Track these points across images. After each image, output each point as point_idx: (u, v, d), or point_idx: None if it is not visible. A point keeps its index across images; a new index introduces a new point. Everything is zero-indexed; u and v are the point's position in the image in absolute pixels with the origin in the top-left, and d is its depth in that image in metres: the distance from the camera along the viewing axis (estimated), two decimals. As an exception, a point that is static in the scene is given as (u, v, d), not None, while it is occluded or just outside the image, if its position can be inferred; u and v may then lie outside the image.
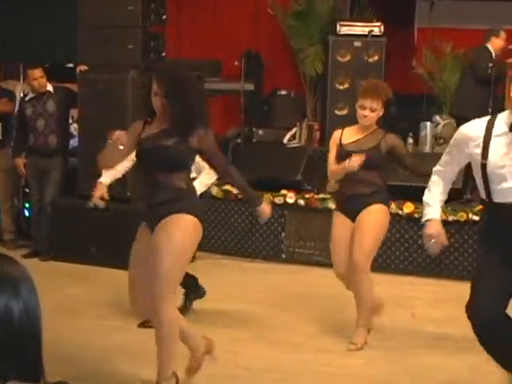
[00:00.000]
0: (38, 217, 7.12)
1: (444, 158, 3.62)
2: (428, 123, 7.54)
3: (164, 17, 6.92)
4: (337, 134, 4.86)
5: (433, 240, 3.51)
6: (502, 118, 3.37)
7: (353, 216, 4.68)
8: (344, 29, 8.16)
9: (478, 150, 3.35)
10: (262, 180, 7.16)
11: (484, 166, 3.33)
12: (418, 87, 8.17)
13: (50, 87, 7.01)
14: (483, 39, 7.53)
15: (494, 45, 7.47)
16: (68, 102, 7.07)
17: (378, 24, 8.07)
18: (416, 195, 6.12)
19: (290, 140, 8.23)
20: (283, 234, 7.10)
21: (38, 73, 6.92)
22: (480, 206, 6.44)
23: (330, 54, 8.20)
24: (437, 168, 3.66)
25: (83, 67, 6.87)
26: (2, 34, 9.21)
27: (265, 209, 4.01)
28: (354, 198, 4.63)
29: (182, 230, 3.54)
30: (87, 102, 6.85)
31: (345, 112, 8.22)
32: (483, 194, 3.43)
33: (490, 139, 3.33)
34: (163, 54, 6.93)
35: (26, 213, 7.70)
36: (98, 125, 6.73)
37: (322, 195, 6.98)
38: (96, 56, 6.77)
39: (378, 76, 7.72)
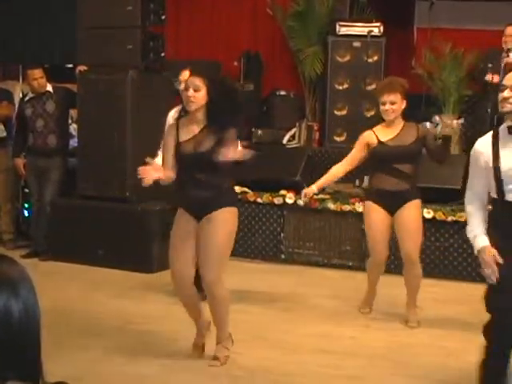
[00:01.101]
0: (37, 217, 7.11)
1: (469, 182, 3.66)
2: (427, 123, 7.53)
3: (163, 17, 6.91)
4: (370, 134, 5.04)
5: (490, 269, 3.44)
6: (504, 126, 3.50)
7: (390, 209, 4.99)
8: (343, 29, 8.16)
9: (490, 158, 3.47)
10: (262, 180, 7.17)
11: (497, 169, 3.44)
12: (417, 87, 8.13)
13: (49, 87, 7.00)
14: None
15: None
16: (67, 102, 7.06)
17: (378, 24, 8.07)
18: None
19: (289, 140, 8.22)
20: (282, 235, 7.09)
21: (37, 73, 6.92)
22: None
23: (330, 54, 8.20)
24: (467, 195, 3.67)
25: (83, 67, 6.86)
26: (2, 34, 9.21)
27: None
28: (394, 194, 4.90)
29: (230, 221, 4.13)
30: (87, 103, 6.84)
31: (344, 112, 8.22)
32: (494, 194, 3.50)
33: (498, 145, 3.47)
34: (162, 55, 6.92)
35: (26, 213, 7.69)
36: (97, 125, 6.74)
37: (321, 195, 6.96)
38: (95, 56, 6.77)
39: (378, 76, 7.73)
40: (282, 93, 8.73)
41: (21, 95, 7.92)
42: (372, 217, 5.05)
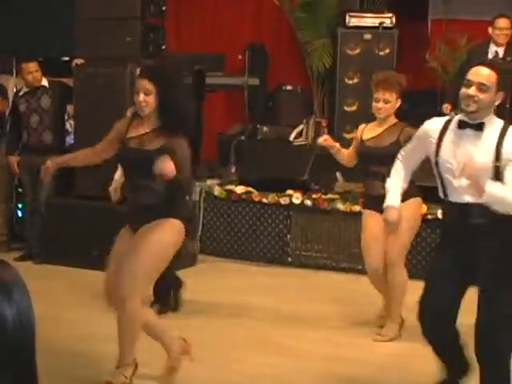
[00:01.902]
0: (31, 218, 7.13)
1: (408, 145, 3.90)
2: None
3: (164, 8, 6.93)
4: (361, 128, 5.05)
5: (391, 226, 4.02)
6: (458, 117, 3.61)
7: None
8: (353, 20, 8.17)
9: (433, 148, 3.60)
10: (267, 179, 7.18)
11: (437, 164, 3.58)
12: (431, 82, 8.16)
13: (44, 82, 7.02)
14: None
15: None
16: (64, 97, 7.08)
17: (390, 15, 8.07)
18: (429, 195, 6.13)
19: (296, 137, 8.23)
20: (289, 236, 7.10)
21: (32, 66, 6.94)
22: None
23: (339, 46, 8.21)
24: (400, 155, 3.92)
25: (79, 61, 6.88)
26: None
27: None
28: (383, 198, 4.63)
29: (163, 235, 3.87)
30: (83, 97, 6.86)
31: (354, 108, 8.23)
32: (441, 193, 3.64)
33: (443, 137, 3.58)
34: (163, 47, 6.94)
35: (20, 213, 7.71)
36: (94, 121, 6.74)
37: (330, 195, 6.98)
38: (93, 49, 6.79)
39: (390, 70, 7.73)
40: (289, 87, 8.74)
41: (15, 90, 7.94)
42: (366, 222, 4.95)
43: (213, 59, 8.46)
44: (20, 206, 7.67)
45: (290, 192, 7.06)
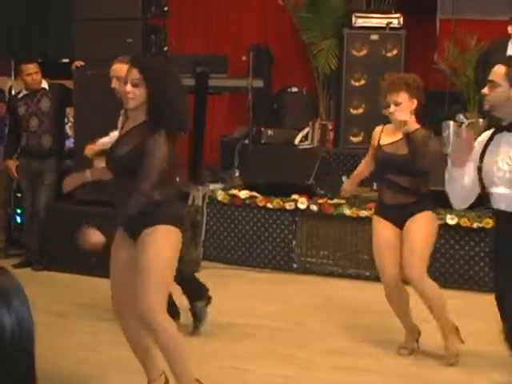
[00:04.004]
0: (30, 223, 7.14)
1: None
2: (451, 122, 7.50)
3: (166, 8, 6.94)
4: (377, 131, 4.74)
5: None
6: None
7: (398, 223, 4.63)
8: (360, 21, 8.18)
9: (479, 152, 3.53)
10: (272, 184, 7.18)
11: (479, 169, 3.49)
12: (440, 83, 8.16)
13: (44, 84, 7.04)
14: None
15: None
16: (63, 99, 7.09)
17: (397, 15, 8.08)
18: (439, 200, 6.13)
19: (301, 141, 8.24)
20: (294, 242, 7.10)
21: (32, 68, 6.96)
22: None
23: (345, 47, 8.22)
24: None
25: (79, 63, 6.89)
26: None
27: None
28: (397, 207, 4.57)
29: (165, 243, 3.66)
30: (84, 100, 6.87)
31: (361, 111, 8.24)
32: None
33: (490, 142, 3.51)
34: (165, 49, 6.95)
35: (18, 219, 7.72)
36: (95, 124, 6.76)
37: (336, 200, 6.97)
38: (93, 50, 6.79)
39: (397, 72, 7.70)
40: (294, 89, 8.75)
41: (13, 92, 7.95)
42: (377, 232, 4.70)
43: (216, 61, 8.46)
44: (19, 211, 7.68)
45: (295, 197, 7.05)
